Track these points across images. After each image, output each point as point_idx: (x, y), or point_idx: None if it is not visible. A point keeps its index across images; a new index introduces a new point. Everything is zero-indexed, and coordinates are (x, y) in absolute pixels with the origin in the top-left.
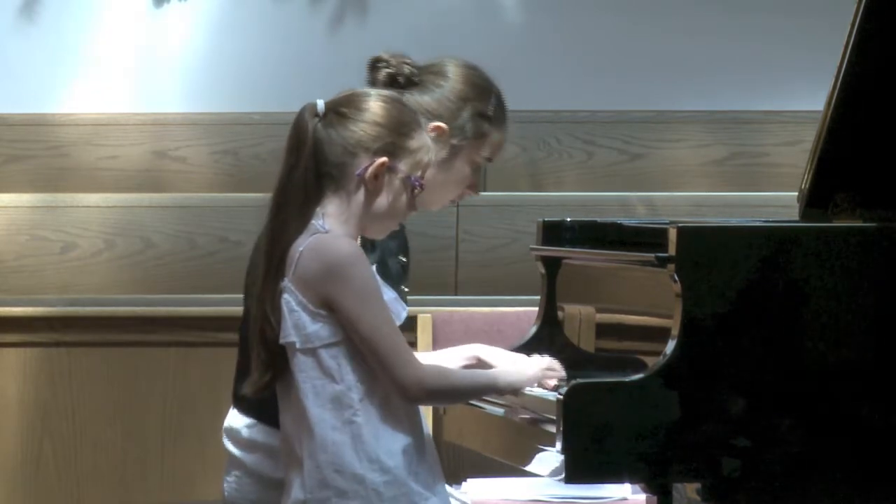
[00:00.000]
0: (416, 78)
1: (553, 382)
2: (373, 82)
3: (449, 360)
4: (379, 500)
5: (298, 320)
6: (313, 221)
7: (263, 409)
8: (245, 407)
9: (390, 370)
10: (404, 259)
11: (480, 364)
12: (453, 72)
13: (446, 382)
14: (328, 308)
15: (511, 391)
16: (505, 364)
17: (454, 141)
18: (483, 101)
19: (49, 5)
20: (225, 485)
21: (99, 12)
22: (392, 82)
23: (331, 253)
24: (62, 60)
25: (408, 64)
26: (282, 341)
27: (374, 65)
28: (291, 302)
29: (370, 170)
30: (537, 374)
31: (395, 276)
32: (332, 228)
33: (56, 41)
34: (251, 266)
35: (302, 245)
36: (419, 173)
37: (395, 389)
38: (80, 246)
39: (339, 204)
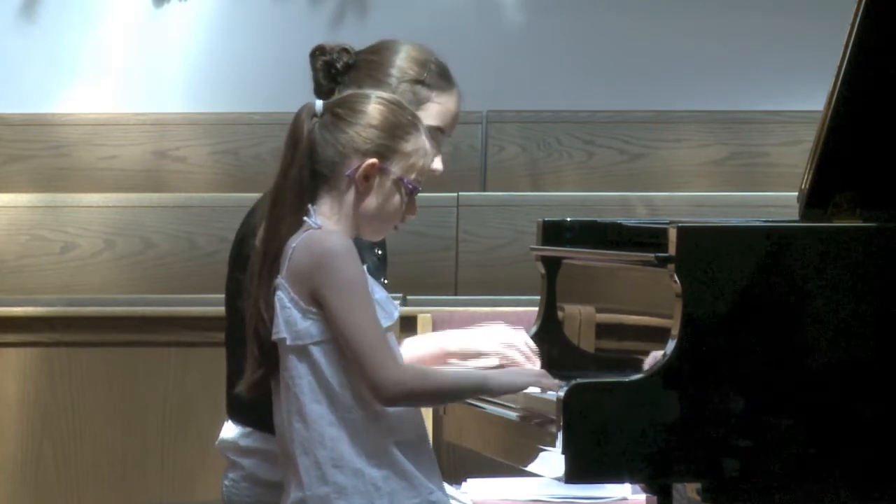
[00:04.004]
0: (353, 62)
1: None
2: (314, 72)
3: (415, 352)
4: (378, 494)
5: (290, 317)
6: (306, 219)
7: (259, 415)
8: (240, 416)
9: (364, 369)
10: (380, 252)
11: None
12: (390, 49)
13: (428, 385)
14: (318, 305)
15: (503, 393)
16: (467, 345)
17: None
18: (417, 68)
19: (49, 5)
20: (223, 486)
21: (99, 12)
22: (329, 69)
23: (319, 246)
24: (62, 60)
25: (346, 51)
26: (274, 338)
27: (314, 54)
28: (284, 299)
29: (360, 171)
30: (530, 380)
31: (373, 271)
32: (324, 225)
33: (56, 41)
34: (237, 268)
35: (295, 241)
36: (413, 176)
37: (368, 389)
38: (80, 246)
39: (331, 204)
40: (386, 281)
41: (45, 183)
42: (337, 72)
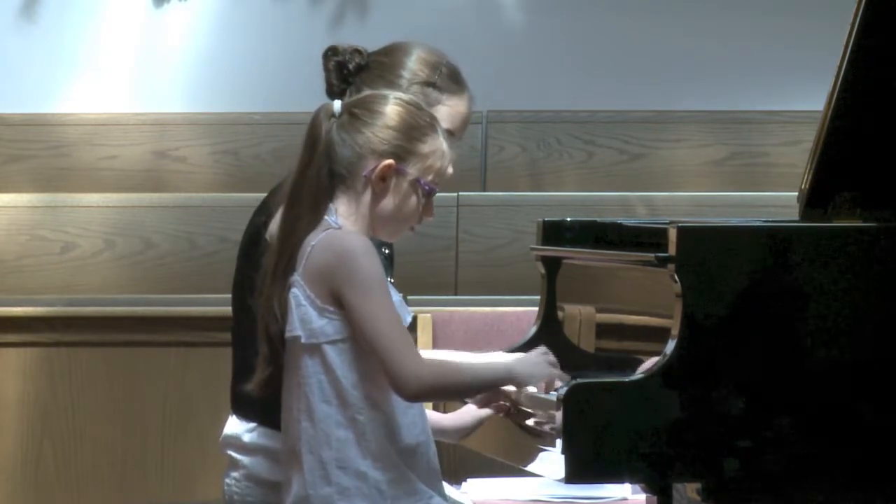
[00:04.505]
0: (364, 63)
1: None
2: (325, 73)
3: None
4: (382, 498)
5: (305, 315)
6: (326, 218)
7: (265, 411)
8: (245, 411)
9: (387, 363)
10: (387, 251)
11: None
12: (402, 50)
13: (447, 378)
14: (336, 304)
15: (530, 382)
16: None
17: None
18: (428, 71)
19: (49, 5)
20: (225, 486)
21: (99, 12)
22: (341, 70)
23: (340, 246)
24: (62, 60)
25: (359, 52)
26: (287, 335)
27: (326, 55)
28: (299, 296)
29: (376, 171)
30: (552, 371)
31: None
32: (344, 225)
33: (56, 41)
34: (247, 265)
35: (314, 240)
36: (430, 177)
37: (391, 384)
38: (80, 246)
39: (348, 204)
40: (393, 280)
41: (45, 183)
42: (349, 73)
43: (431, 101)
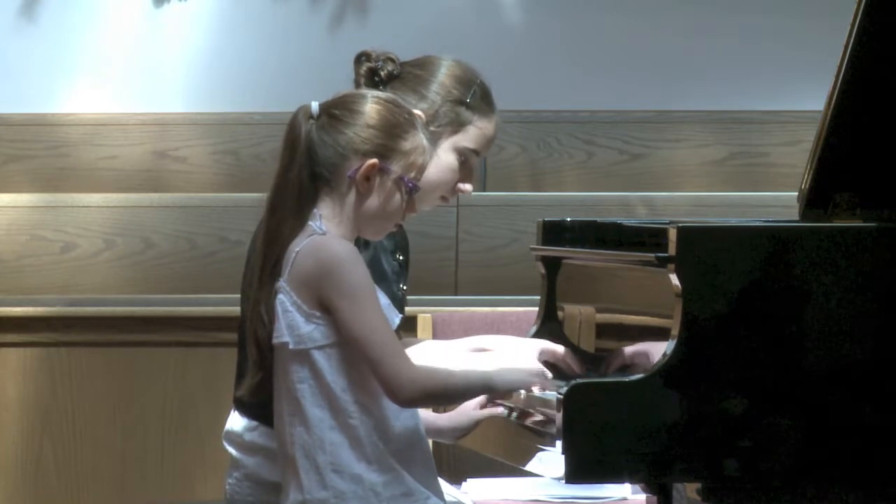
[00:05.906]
0: (397, 73)
1: (547, 385)
2: (356, 76)
3: (456, 351)
4: (378, 500)
5: (292, 321)
6: (310, 223)
7: (264, 410)
8: (246, 409)
9: (380, 371)
10: (402, 258)
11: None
12: (436, 65)
13: (439, 383)
14: (323, 310)
15: (508, 391)
16: (506, 354)
17: (431, 128)
18: (462, 89)
19: (49, 5)
20: (227, 485)
21: (99, 12)
22: (372, 76)
23: (326, 253)
24: (62, 60)
25: (392, 60)
26: (275, 341)
27: (358, 59)
28: (286, 302)
29: (360, 171)
30: (532, 380)
31: (393, 276)
32: (328, 230)
33: (56, 41)
34: (247, 267)
35: (298, 246)
36: (413, 174)
37: (385, 390)
38: (80, 246)
39: (332, 205)
40: (405, 287)
41: (45, 183)
42: (380, 79)
43: (463, 120)
